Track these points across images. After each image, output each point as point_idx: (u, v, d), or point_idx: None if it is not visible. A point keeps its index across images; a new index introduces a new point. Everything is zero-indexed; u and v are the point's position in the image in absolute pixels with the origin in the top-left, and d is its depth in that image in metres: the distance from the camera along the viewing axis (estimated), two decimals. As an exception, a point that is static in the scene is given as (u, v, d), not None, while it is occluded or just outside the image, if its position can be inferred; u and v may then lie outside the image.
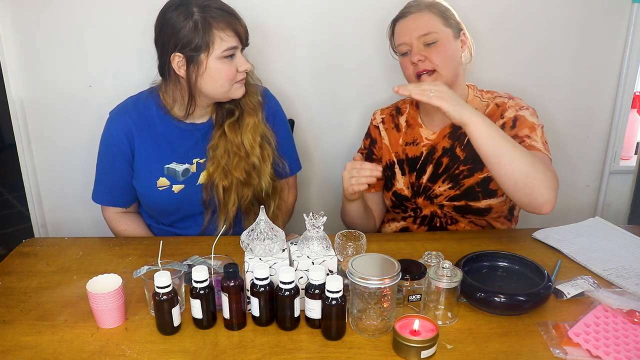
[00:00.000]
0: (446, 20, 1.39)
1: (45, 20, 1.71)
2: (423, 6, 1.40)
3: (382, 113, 1.60)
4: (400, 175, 1.54)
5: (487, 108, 1.44)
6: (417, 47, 1.37)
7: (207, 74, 1.32)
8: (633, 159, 2.11)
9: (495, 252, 1.24)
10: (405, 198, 1.53)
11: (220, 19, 1.28)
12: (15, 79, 1.77)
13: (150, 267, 1.09)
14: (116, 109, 1.48)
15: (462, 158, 1.45)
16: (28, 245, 1.41)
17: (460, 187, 1.45)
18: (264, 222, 1.07)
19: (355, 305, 1.03)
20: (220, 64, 1.31)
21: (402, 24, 1.41)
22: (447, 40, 1.38)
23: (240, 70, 1.34)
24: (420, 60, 1.36)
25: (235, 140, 1.44)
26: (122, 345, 1.00)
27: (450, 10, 1.42)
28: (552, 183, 1.26)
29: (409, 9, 1.42)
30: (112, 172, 1.48)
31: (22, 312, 1.11)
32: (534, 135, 1.36)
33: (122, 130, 1.43)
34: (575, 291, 1.15)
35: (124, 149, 1.44)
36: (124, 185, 1.49)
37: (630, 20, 1.83)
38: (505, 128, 1.39)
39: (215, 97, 1.39)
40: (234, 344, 1.01)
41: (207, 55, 1.30)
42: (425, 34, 1.36)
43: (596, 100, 1.95)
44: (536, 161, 1.25)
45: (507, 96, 1.46)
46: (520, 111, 1.40)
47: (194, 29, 1.27)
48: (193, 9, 1.28)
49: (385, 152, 1.57)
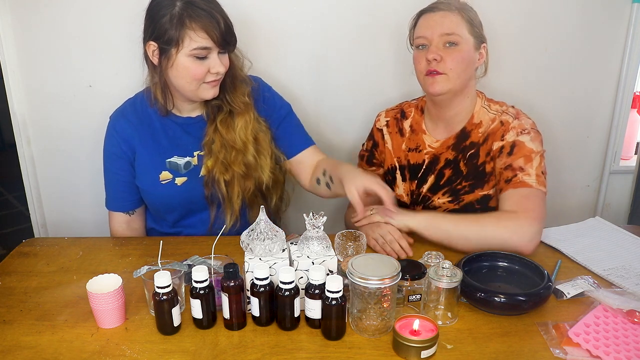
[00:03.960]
0: (472, 28, 1.36)
1: (45, 20, 1.71)
2: (454, 7, 1.36)
3: (386, 115, 1.58)
4: (400, 181, 1.53)
5: (492, 123, 1.41)
6: (437, 44, 1.34)
7: (175, 69, 1.32)
8: (633, 159, 2.11)
9: (495, 252, 1.24)
10: (403, 205, 1.53)
11: (196, 19, 1.27)
12: (15, 79, 1.77)
13: (150, 267, 1.09)
14: (115, 113, 1.49)
15: (465, 173, 1.44)
16: (28, 245, 1.41)
17: (459, 202, 1.45)
18: (264, 222, 1.07)
19: (355, 305, 1.03)
20: (189, 62, 1.30)
21: (428, 18, 1.37)
22: (468, 48, 1.35)
23: (212, 72, 1.33)
24: (435, 60, 1.33)
25: (227, 135, 1.44)
26: (122, 345, 1.00)
27: (478, 20, 1.39)
28: (526, 229, 1.27)
29: (439, 4, 1.38)
30: (115, 175, 1.49)
31: (22, 312, 1.11)
32: (528, 167, 1.34)
33: (121, 134, 1.45)
34: (575, 291, 1.15)
35: (125, 149, 1.45)
36: (128, 185, 1.49)
37: (630, 20, 1.83)
38: (502, 153, 1.38)
39: (184, 93, 1.38)
40: (234, 344, 1.01)
41: (177, 50, 1.30)
42: (448, 34, 1.33)
43: (596, 100, 1.95)
44: (500, 221, 1.29)
45: (513, 114, 1.41)
46: (521, 136, 1.36)
47: (169, 21, 1.28)
48: (177, 2, 1.28)
49: (387, 156, 1.56)
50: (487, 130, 1.41)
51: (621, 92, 1.92)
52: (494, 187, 1.41)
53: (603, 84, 1.92)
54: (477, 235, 1.28)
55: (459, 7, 1.36)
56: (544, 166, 1.37)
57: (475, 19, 1.38)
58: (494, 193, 1.42)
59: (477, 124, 1.43)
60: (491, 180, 1.41)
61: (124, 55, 1.75)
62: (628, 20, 1.83)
